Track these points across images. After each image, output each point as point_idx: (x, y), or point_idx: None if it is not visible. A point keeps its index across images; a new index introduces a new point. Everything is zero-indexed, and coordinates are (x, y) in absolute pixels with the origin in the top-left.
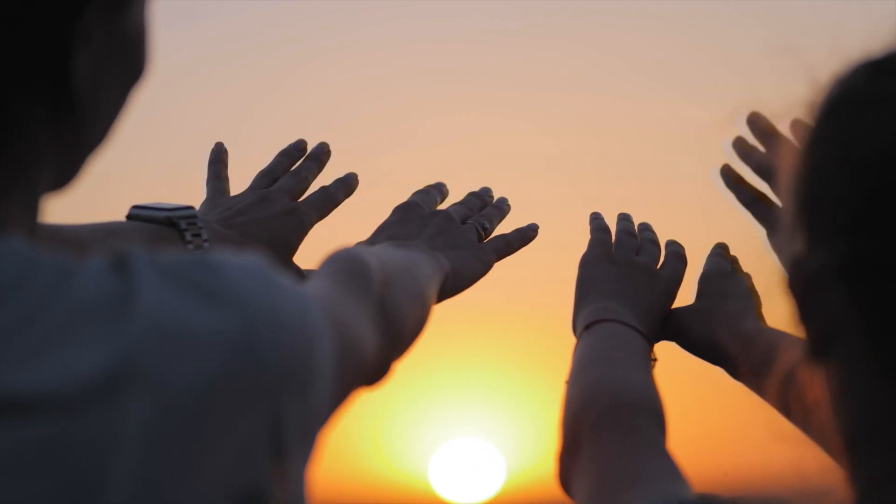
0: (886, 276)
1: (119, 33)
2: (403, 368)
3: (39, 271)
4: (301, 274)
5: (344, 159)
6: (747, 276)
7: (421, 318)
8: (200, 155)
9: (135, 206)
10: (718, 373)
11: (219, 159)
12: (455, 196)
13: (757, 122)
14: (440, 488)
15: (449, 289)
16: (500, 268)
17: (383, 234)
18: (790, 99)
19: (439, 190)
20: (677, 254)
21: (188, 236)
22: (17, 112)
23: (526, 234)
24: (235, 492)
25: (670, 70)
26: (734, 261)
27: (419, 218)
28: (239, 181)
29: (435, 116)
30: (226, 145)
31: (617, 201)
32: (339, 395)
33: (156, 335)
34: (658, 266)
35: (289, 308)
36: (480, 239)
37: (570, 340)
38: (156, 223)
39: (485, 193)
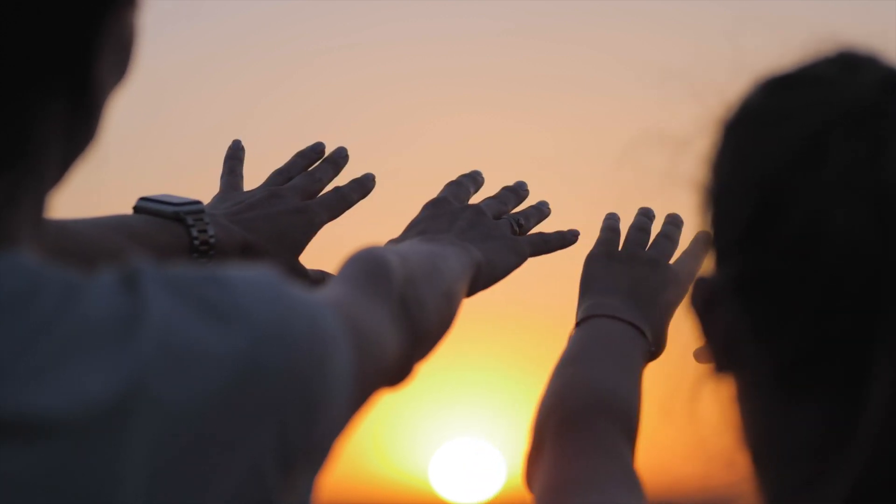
0: (776, 289)
1: (121, 38)
2: None
3: (46, 287)
4: (306, 274)
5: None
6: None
7: (448, 313)
8: (201, 154)
9: (142, 198)
10: None
11: (235, 156)
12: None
13: None
14: (440, 488)
15: (483, 280)
16: None
17: (414, 230)
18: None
19: (473, 179)
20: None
21: (194, 232)
22: (34, 123)
23: (565, 238)
24: None
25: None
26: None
27: (449, 213)
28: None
29: (435, 117)
30: (225, 145)
31: (616, 201)
32: (358, 400)
33: (163, 356)
34: (671, 260)
35: (298, 321)
36: (515, 234)
37: None
38: (162, 217)
39: (520, 188)
